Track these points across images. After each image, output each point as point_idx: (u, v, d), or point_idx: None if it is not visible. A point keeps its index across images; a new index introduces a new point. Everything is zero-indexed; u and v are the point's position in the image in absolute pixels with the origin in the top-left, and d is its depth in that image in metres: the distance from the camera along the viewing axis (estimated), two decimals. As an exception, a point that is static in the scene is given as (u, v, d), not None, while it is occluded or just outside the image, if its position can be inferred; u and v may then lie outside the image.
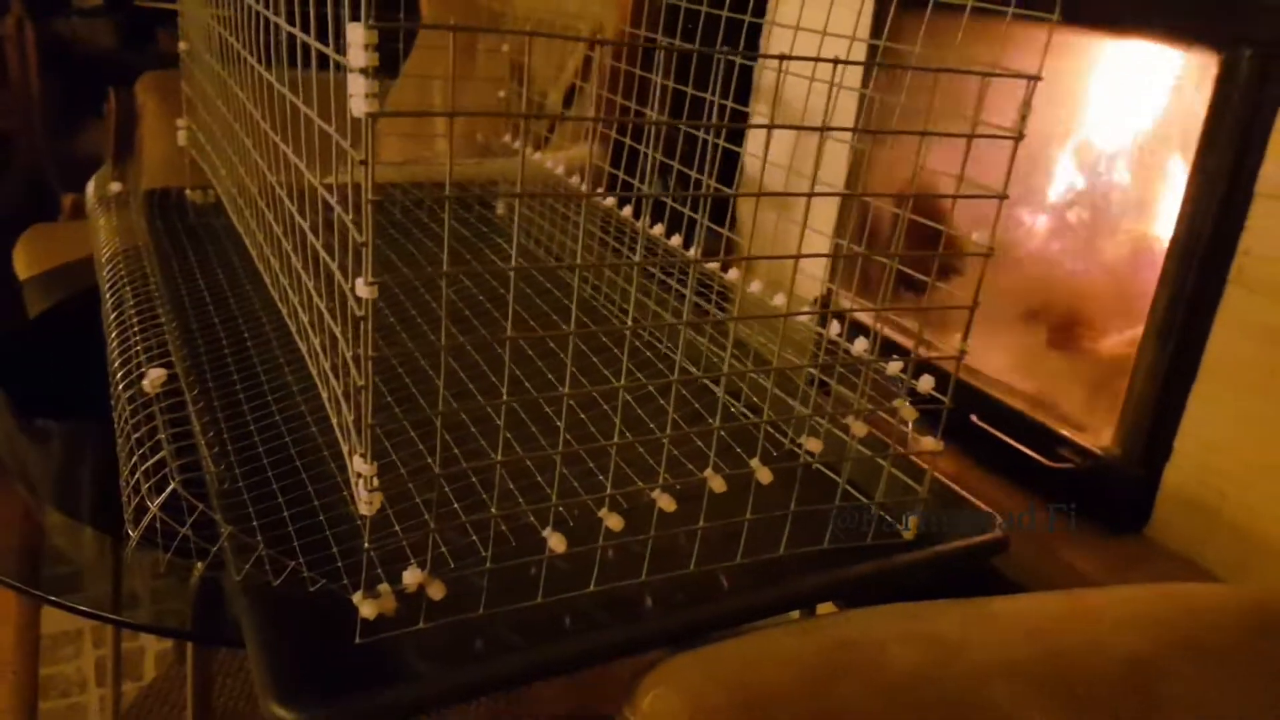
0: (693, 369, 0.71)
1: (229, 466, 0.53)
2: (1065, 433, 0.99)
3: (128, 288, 0.65)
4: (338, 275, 0.42)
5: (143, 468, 0.45)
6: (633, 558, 0.53)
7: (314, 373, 0.53)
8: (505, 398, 0.44)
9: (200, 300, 0.77)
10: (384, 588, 0.45)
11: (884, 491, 0.60)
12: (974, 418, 1.06)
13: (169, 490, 0.44)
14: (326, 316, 0.46)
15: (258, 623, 0.45)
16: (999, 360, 1.10)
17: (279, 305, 0.60)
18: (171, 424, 0.49)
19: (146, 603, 0.57)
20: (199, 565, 0.46)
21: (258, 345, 0.70)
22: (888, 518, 0.60)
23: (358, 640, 0.46)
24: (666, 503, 0.51)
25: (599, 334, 0.71)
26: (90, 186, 0.89)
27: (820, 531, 0.57)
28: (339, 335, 0.44)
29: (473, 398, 0.62)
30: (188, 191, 1.00)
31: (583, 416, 0.63)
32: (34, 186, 2.19)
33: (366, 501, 0.42)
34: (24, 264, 1.45)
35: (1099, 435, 0.97)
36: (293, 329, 0.58)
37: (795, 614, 0.63)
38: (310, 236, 0.46)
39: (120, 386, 0.51)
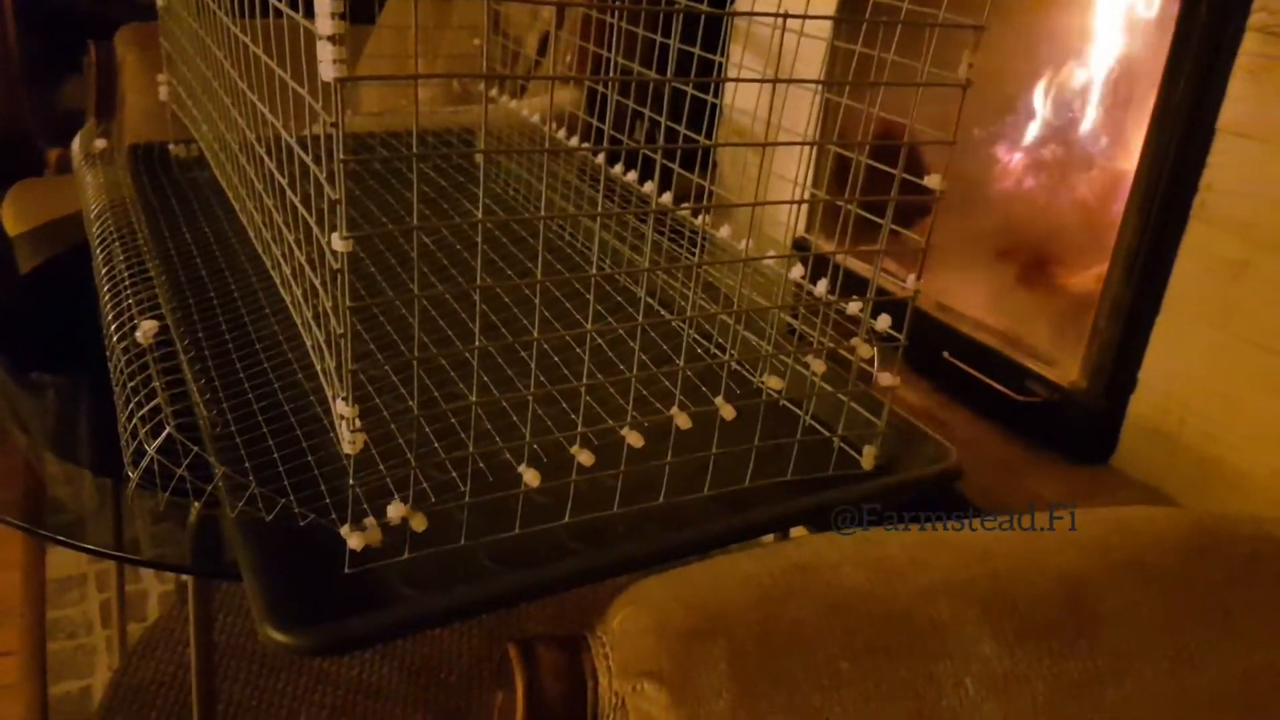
0: (664, 313, 0.74)
1: (221, 412, 0.56)
2: (1033, 367, 1.03)
3: (116, 243, 0.67)
4: (315, 229, 0.45)
5: (139, 414, 0.48)
6: (605, 492, 0.56)
7: (298, 321, 0.56)
8: (479, 342, 0.47)
9: (188, 253, 0.79)
10: (370, 521, 0.49)
11: (845, 425, 0.63)
12: (946, 354, 1.09)
13: (164, 434, 0.47)
14: (306, 268, 0.49)
15: (253, 556, 0.48)
16: (971, 298, 1.13)
17: (263, 257, 0.63)
18: (165, 372, 0.52)
19: (148, 541, 0.60)
20: (196, 504, 0.49)
21: (245, 296, 0.73)
22: (848, 449, 0.63)
23: (347, 570, 0.49)
24: (635, 439, 0.54)
25: (570, 280, 0.74)
26: (75, 144, 0.90)
27: (785, 464, 0.60)
28: (318, 286, 0.47)
29: (450, 343, 0.65)
30: (171, 146, 1.01)
31: (556, 360, 0.66)
32: (17, 142, 2.19)
33: (349, 441, 0.45)
34: (11, 220, 1.46)
35: (1066, 369, 1.01)
36: (276, 280, 0.60)
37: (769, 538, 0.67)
38: (289, 192, 0.48)
39: (114, 338, 0.54)
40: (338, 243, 0.41)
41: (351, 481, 0.46)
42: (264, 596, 0.46)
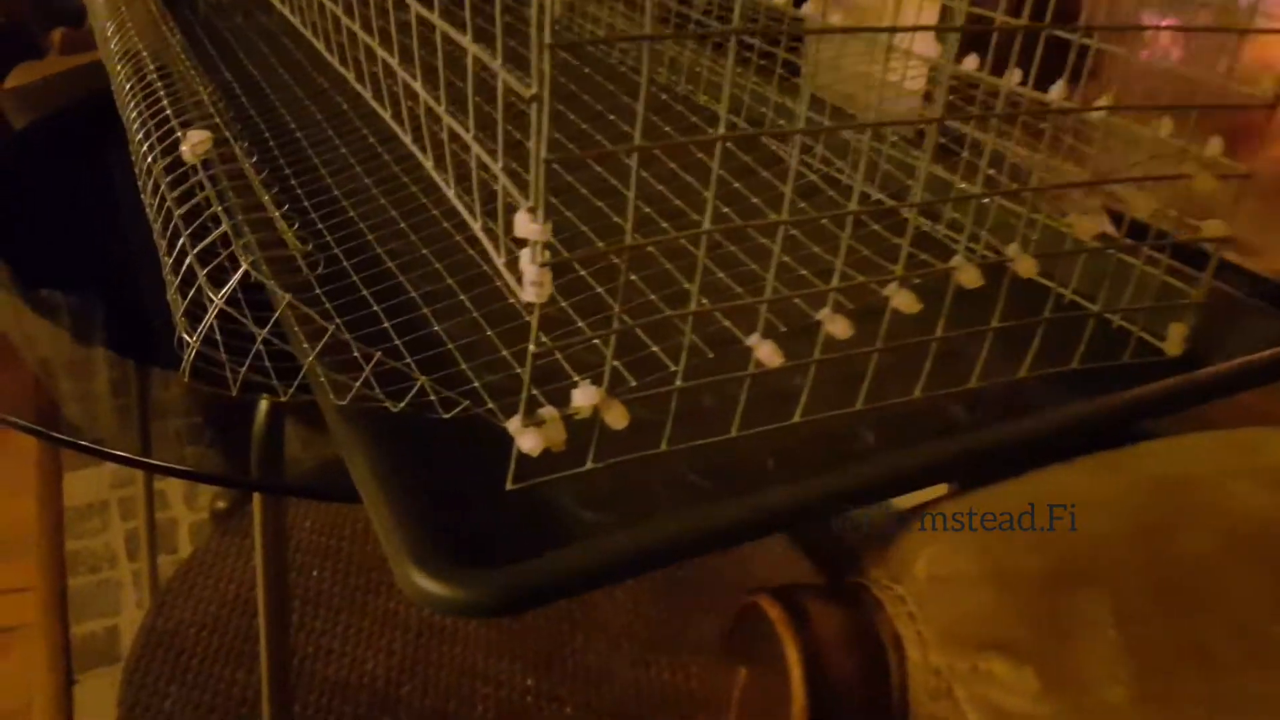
0: (958, 147, 0.57)
1: (309, 263, 0.40)
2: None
3: (146, 53, 0.50)
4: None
5: (195, 250, 0.31)
6: (843, 382, 0.40)
7: (407, 136, 0.39)
8: (724, 128, 0.30)
9: (229, 93, 0.62)
10: (549, 413, 0.32)
11: (1137, 297, 0.46)
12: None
13: (240, 273, 0.30)
14: (449, 32, 0.32)
15: (377, 464, 0.32)
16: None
17: (347, 65, 0.45)
18: (221, 198, 0.35)
19: (193, 442, 0.45)
20: (280, 387, 0.33)
21: (314, 140, 0.56)
22: (1141, 333, 0.46)
23: (510, 486, 0.33)
24: (907, 302, 0.37)
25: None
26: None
27: (1064, 351, 0.44)
28: (468, 46, 0.30)
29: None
30: (197, -15, 0.84)
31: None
32: (14, 33, 2.00)
33: (535, 283, 0.28)
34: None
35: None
36: (368, 92, 0.43)
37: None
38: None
39: (149, 158, 0.37)
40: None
41: (533, 347, 0.30)
42: (401, 526, 0.30)
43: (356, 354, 0.32)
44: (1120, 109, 0.48)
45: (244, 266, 0.30)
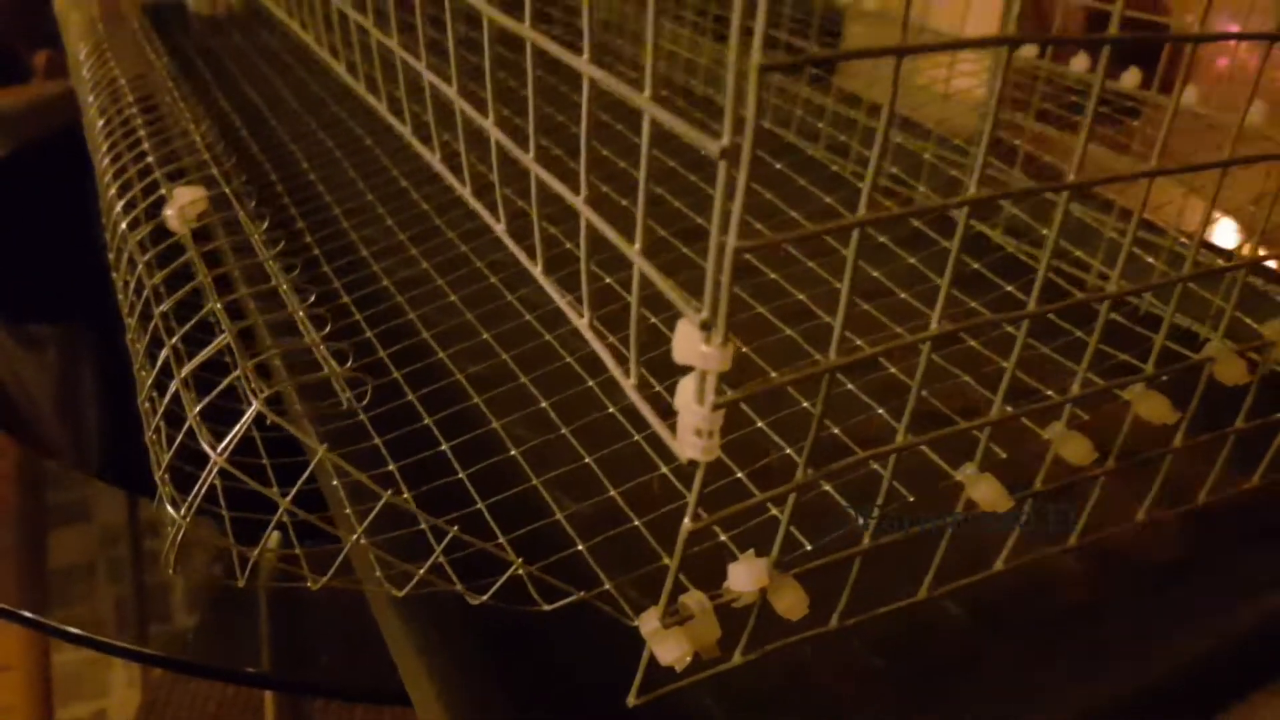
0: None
1: (354, 393, 0.29)
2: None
3: (124, 81, 0.40)
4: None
5: (182, 373, 0.21)
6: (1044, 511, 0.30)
7: (476, 204, 0.29)
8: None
9: (228, 126, 0.52)
10: (697, 603, 0.22)
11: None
12: None
13: (251, 415, 0.20)
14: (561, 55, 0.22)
15: (449, 680, 0.22)
16: None
17: (372, 98, 0.35)
18: (222, 287, 0.25)
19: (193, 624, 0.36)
20: (311, 576, 0.22)
21: (336, 191, 0.45)
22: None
23: (633, 702, 0.23)
24: (1158, 410, 0.27)
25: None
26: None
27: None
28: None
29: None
30: (189, 2, 0.74)
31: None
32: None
33: (704, 430, 0.18)
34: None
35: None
36: (406, 129, 0.33)
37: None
38: None
39: (124, 224, 0.27)
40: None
41: (689, 523, 0.20)
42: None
43: (424, 526, 0.21)
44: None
45: (256, 405, 0.20)
